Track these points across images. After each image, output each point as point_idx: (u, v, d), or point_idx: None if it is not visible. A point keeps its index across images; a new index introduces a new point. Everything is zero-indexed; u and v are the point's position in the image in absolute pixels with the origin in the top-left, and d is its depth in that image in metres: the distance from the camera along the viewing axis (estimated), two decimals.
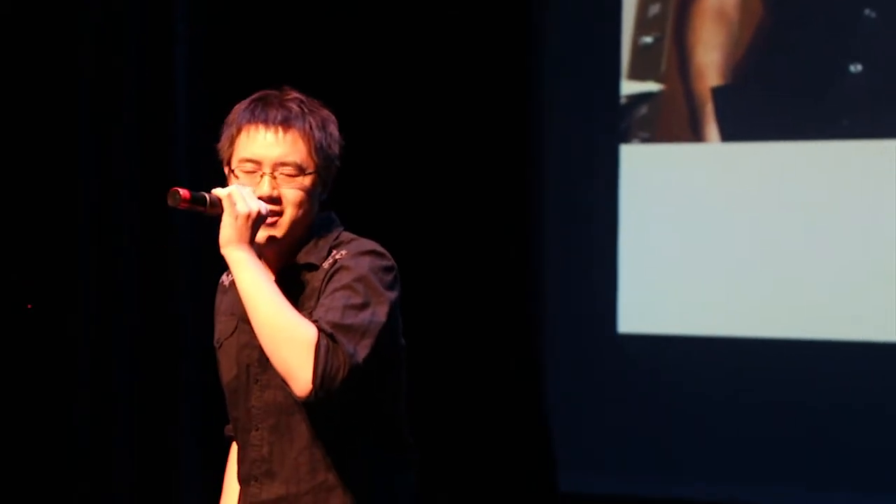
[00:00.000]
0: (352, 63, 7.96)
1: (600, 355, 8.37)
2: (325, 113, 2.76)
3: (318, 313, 2.58)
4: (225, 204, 2.61)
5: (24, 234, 7.67)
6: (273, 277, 2.65)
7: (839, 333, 7.94)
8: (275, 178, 2.67)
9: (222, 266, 2.85)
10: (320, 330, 2.54)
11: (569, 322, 8.44)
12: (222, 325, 2.82)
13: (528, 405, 8.39)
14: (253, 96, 2.75)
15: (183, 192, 2.62)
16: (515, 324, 8.38)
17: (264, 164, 2.67)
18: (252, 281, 2.59)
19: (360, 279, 2.63)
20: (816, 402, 7.90)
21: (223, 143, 2.74)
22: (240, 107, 2.75)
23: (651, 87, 8.33)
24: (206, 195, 2.65)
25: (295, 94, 2.75)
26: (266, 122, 2.67)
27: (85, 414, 7.36)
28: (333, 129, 2.77)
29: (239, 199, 2.61)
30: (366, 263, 2.67)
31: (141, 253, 7.33)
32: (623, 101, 8.33)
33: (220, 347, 2.82)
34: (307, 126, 2.70)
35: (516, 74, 8.41)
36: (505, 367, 8.37)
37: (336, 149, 2.76)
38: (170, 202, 2.62)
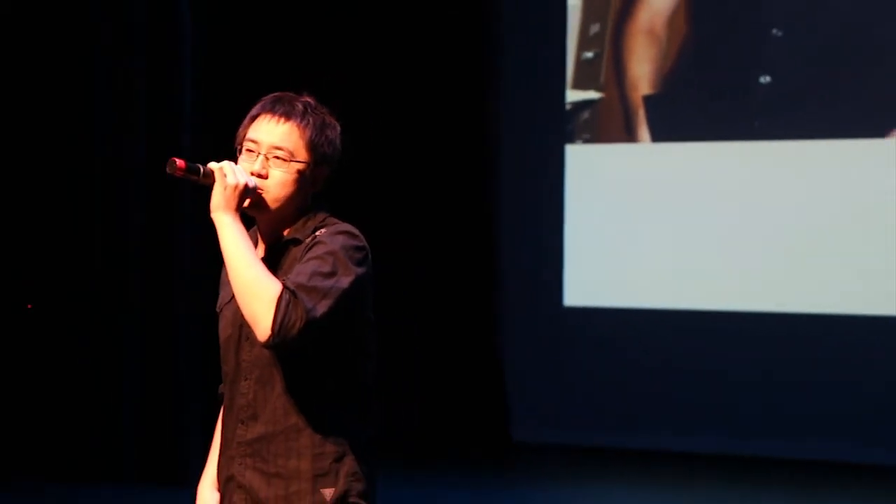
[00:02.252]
0: (322, 73, 8.02)
1: (549, 324, 8.88)
2: (330, 120, 2.89)
3: (291, 276, 2.72)
4: (217, 175, 2.75)
5: (47, 223, 7.82)
6: (251, 243, 2.79)
7: (752, 305, 8.41)
8: (267, 159, 2.82)
9: (216, 256, 3.03)
10: (285, 287, 2.67)
11: (522, 296, 8.92)
12: (224, 293, 2.93)
13: (487, 367, 8.93)
14: (273, 94, 2.92)
15: (179, 161, 2.76)
16: (475, 297, 8.91)
17: (262, 146, 2.82)
18: (233, 242, 2.74)
19: (331, 253, 2.76)
20: (733, 362, 8.36)
21: (241, 127, 2.90)
22: (260, 101, 2.90)
23: (592, 95, 8.81)
24: (201, 166, 2.79)
25: (306, 98, 2.89)
26: (272, 112, 2.83)
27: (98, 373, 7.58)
28: (332, 134, 2.88)
29: (230, 172, 2.75)
30: (339, 241, 2.80)
31: (147, 244, 7.58)
32: (568, 107, 8.85)
33: (220, 312, 2.95)
34: (304, 123, 2.83)
35: (477, 85, 8.97)
36: (466, 334, 8.89)
37: (330, 151, 2.87)
38: (168, 170, 2.75)
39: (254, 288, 2.68)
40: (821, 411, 8.16)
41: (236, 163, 2.84)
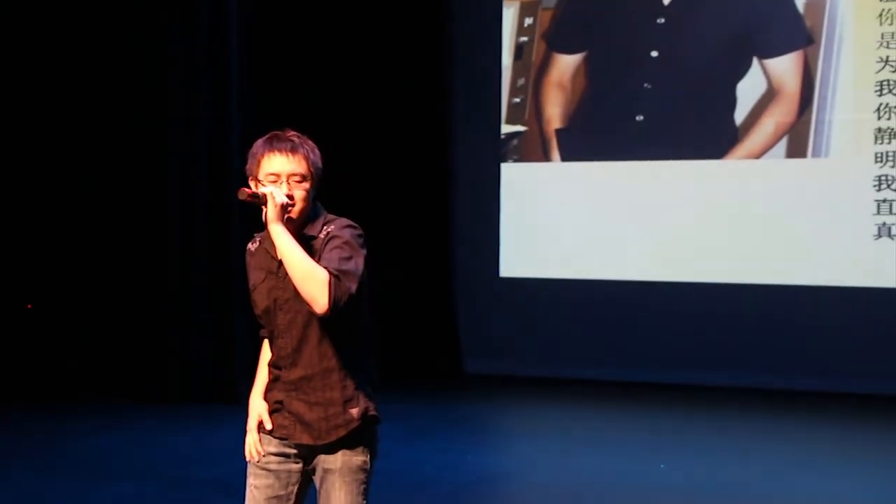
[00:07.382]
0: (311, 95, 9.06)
1: (489, 289, 10.17)
2: (313, 144, 3.14)
3: (324, 263, 2.97)
4: (269, 198, 3.01)
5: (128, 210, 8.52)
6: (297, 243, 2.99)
7: (645, 276, 9.58)
8: (289, 183, 3.07)
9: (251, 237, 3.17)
10: (330, 273, 2.93)
11: (469, 269, 10.22)
12: (255, 275, 3.20)
13: (444, 318, 10.15)
14: (266, 135, 3.12)
15: (248, 190, 3.03)
16: (435, 269, 10.11)
17: (282, 175, 3.06)
18: (288, 244, 2.99)
19: (346, 242, 3.03)
20: (630, 306, 9.50)
21: (251, 165, 3.12)
22: (259, 141, 3.12)
23: (519, 128, 9.89)
24: (259, 192, 3.03)
25: (293, 133, 3.11)
26: (281, 149, 3.07)
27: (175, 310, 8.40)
28: (318, 153, 3.14)
29: (277, 194, 3.01)
30: (348, 233, 3.07)
31: (212, 236, 8.41)
32: (503, 136, 9.97)
33: (254, 290, 3.20)
34: (305, 150, 3.09)
35: (438, 120, 10.13)
36: (429, 295, 10.06)
37: (321, 166, 3.13)
38: (239, 196, 3.02)
39: (311, 276, 2.92)
40: (696, 350, 9.23)
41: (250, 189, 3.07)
